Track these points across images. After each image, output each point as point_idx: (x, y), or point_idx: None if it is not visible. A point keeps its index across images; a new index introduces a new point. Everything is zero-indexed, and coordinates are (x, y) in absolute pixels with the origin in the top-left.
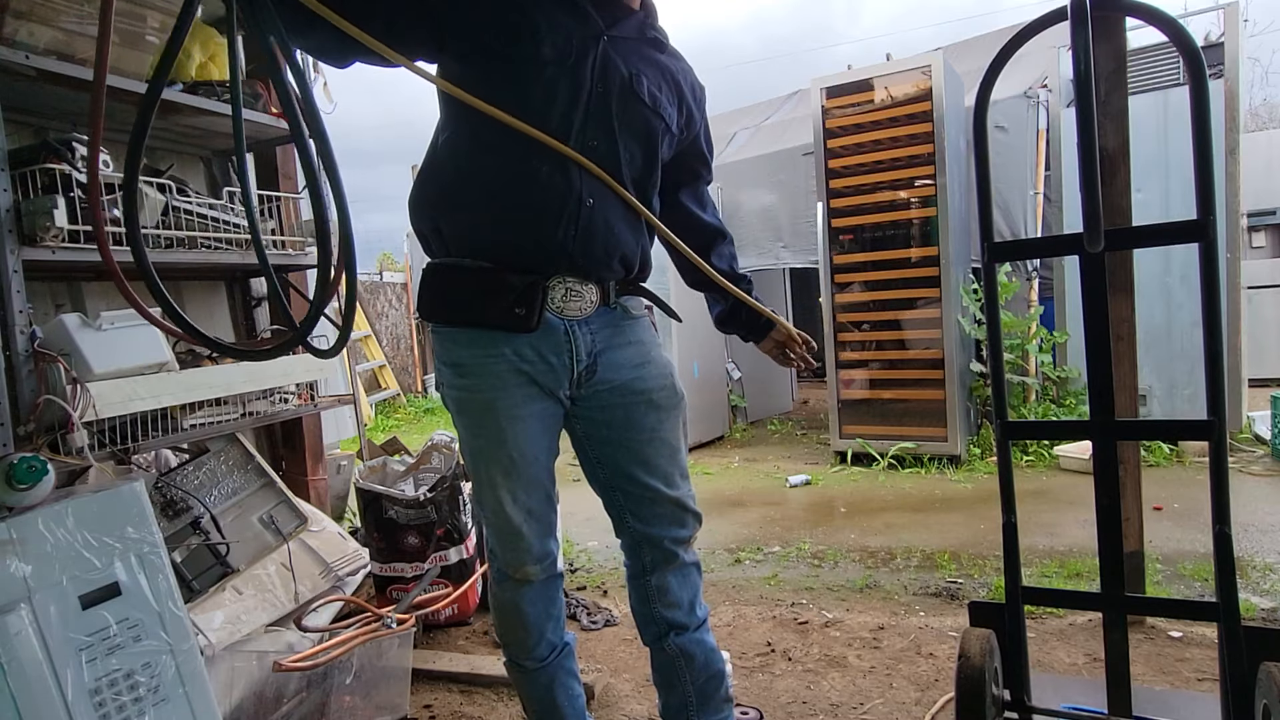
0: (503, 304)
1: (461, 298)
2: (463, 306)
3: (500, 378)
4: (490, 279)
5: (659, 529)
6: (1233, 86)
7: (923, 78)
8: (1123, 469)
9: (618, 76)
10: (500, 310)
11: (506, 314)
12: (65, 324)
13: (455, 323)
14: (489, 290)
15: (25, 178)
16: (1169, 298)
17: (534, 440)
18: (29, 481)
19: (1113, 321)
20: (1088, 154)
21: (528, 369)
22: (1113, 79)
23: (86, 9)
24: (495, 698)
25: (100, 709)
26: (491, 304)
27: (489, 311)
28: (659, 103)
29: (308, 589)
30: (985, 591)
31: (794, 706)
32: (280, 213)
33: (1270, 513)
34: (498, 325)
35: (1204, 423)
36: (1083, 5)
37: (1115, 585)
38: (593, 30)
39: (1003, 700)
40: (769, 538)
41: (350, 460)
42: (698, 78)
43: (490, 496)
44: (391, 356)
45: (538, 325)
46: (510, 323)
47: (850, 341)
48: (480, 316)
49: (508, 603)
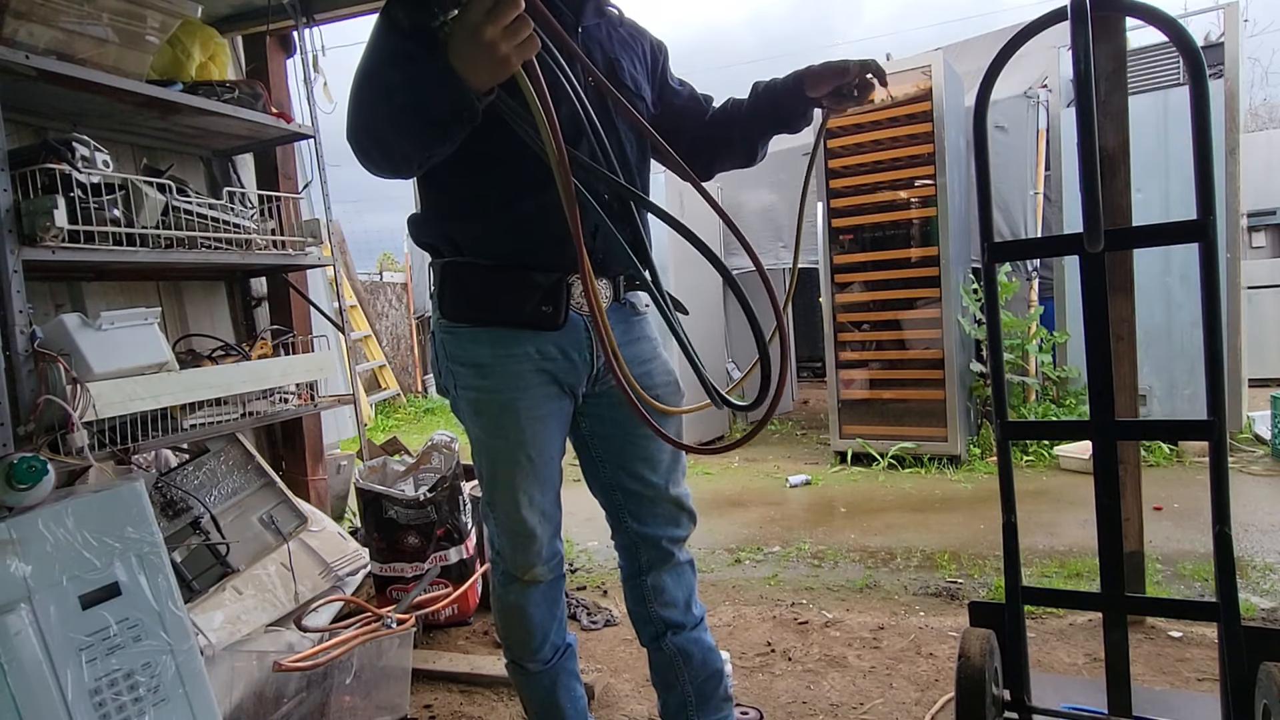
0: (530, 302)
1: (487, 296)
2: (489, 305)
3: (522, 378)
4: (516, 277)
5: (657, 528)
6: (1233, 86)
7: (923, 78)
8: (1123, 469)
9: (601, 67)
10: (529, 308)
11: (535, 312)
12: (65, 324)
13: (479, 322)
14: (515, 288)
15: (25, 178)
16: (1169, 298)
17: (551, 440)
18: (29, 481)
19: (1113, 321)
20: (1088, 154)
21: (550, 367)
22: (1113, 79)
23: (86, 9)
24: (495, 698)
25: (100, 709)
26: (519, 302)
27: (517, 310)
28: (639, 86)
29: (308, 589)
30: (985, 591)
31: (794, 706)
32: (280, 213)
33: (1270, 513)
34: (525, 324)
35: (1204, 423)
36: (1083, 5)
37: (1115, 585)
38: (568, 24)
39: (1003, 700)
40: (769, 538)
41: (350, 460)
42: (654, 35)
43: (506, 498)
44: (391, 356)
45: (564, 322)
46: (538, 320)
47: (850, 341)
48: (508, 315)
49: (513, 605)
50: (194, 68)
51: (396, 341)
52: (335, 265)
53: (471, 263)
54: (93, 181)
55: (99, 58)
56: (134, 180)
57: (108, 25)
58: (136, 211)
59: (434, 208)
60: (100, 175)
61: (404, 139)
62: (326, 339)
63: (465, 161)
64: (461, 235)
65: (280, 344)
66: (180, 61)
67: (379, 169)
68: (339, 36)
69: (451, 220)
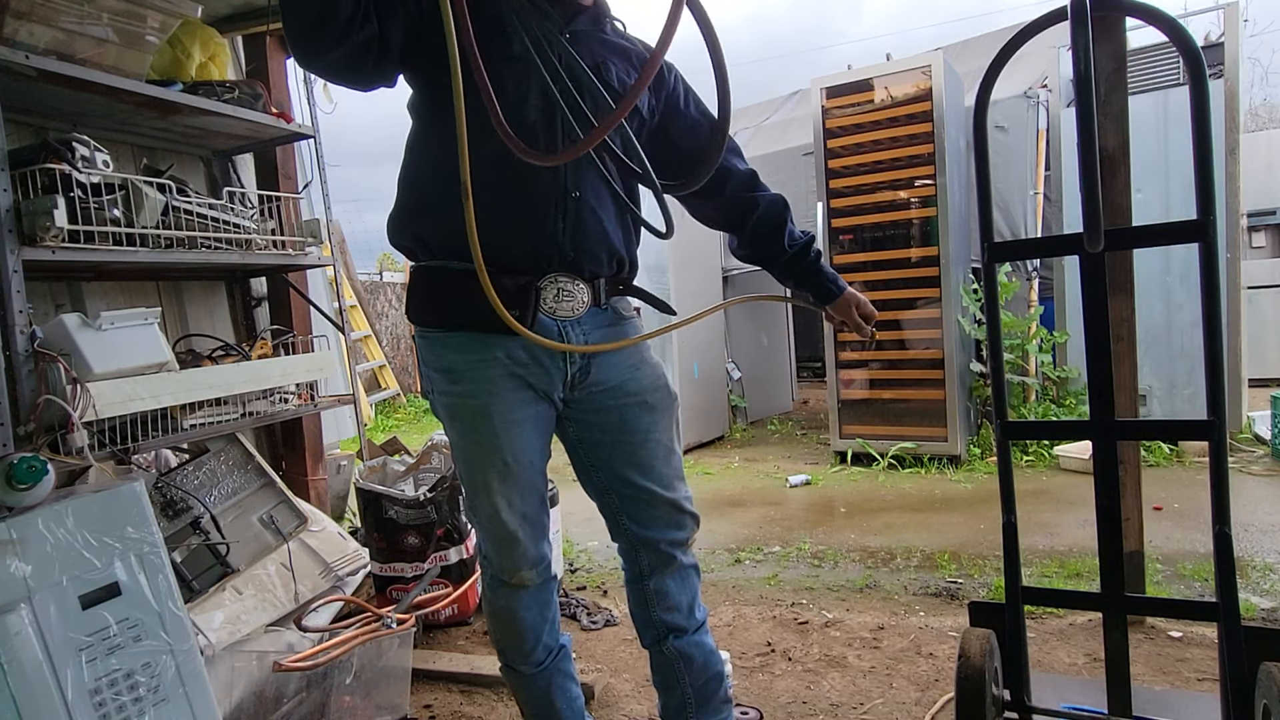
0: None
1: (452, 301)
2: (454, 310)
3: (494, 382)
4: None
5: (656, 531)
6: (1233, 86)
7: (923, 78)
8: (1123, 469)
9: (587, 66)
10: (493, 312)
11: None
12: (65, 324)
13: (446, 326)
14: (483, 293)
15: (25, 178)
16: (1169, 298)
17: (528, 445)
18: (29, 481)
19: (1113, 321)
20: (1088, 154)
21: (521, 372)
22: (1113, 79)
23: (86, 9)
24: (495, 698)
25: (100, 709)
26: (484, 306)
27: (483, 314)
28: (627, 89)
29: (308, 589)
30: (985, 591)
31: (794, 706)
32: (280, 213)
33: (1270, 513)
34: (493, 328)
35: (1204, 423)
36: (1083, 5)
37: (1115, 585)
38: (553, 26)
39: (1003, 700)
40: (769, 538)
41: (350, 460)
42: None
43: (485, 503)
44: (391, 356)
45: (531, 327)
46: (503, 325)
47: (850, 341)
48: (473, 319)
49: (503, 609)
50: (194, 68)
51: (396, 341)
52: (335, 265)
53: (442, 265)
54: (93, 181)
55: (99, 58)
56: (134, 180)
57: (108, 25)
58: (136, 211)
59: (405, 205)
60: (100, 175)
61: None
62: (326, 339)
63: (436, 155)
64: (430, 234)
65: (280, 344)
66: (180, 61)
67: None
68: None
69: (420, 219)
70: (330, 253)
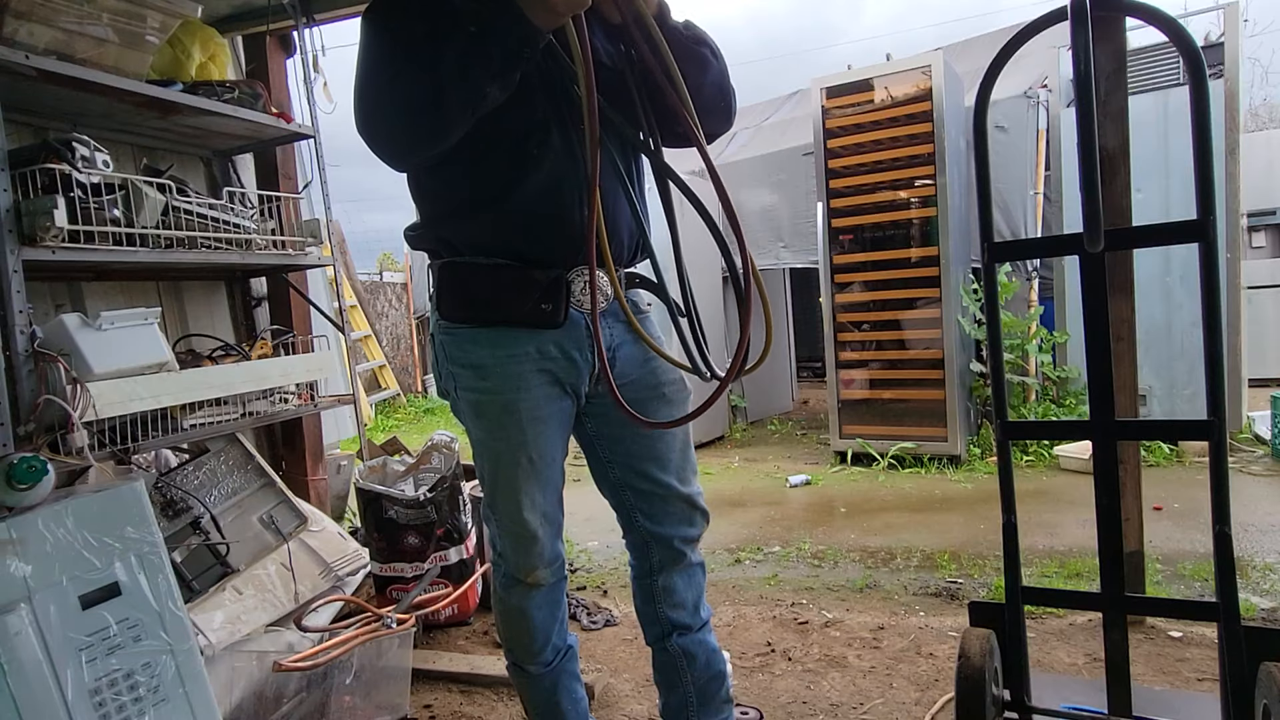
0: (530, 300)
1: (486, 296)
2: (488, 305)
3: (523, 378)
4: (515, 275)
5: (669, 527)
6: (1233, 86)
7: (923, 78)
8: (1123, 469)
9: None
10: (528, 307)
11: (534, 310)
12: (65, 324)
13: (478, 322)
14: (515, 287)
15: (25, 178)
16: (1169, 298)
17: (552, 442)
18: (29, 481)
19: (1113, 321)
20: (1088, 154)
21: (551, 366)
22: (1113, 79)
23: (86, 9)
24: (495, 698)
25: (100, 709)
26: (518, 301)
27: (516, 309)
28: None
29: (308, 589)
30: (985, 591)
31: (794, 706)
32: (280, 213)
33: (1270, 513)
34: (525, 323)
35: (1204, 423)
36: (1083, 5)
37: (1115, 585)
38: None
39: (1003, 700)
40: (769, 538)
41: (350, 460)
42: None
43: (508, 500)
44: (391, 356)
45: (564, 320)
46: (538, 319)
47: (850, 341)
48: (507, 314)
49: (515, 608)
50: (194, 68)
51: (396, 341)
52: (335, 265)
53: (470, 262)
54: (93, 181)
55: (99, 58)
56: (134, 180)
57: (108, 25)
58: (136, 211)
59: (428, 216)
60: (100, 175)
61: (457, 90)
62: (326, 339)
63: (454, 161)
64: (457, 236)
65: (280, 344)
66: (180, 61)
67: (403, 144)
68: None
69: (445, 223)
70: (330, 253)
